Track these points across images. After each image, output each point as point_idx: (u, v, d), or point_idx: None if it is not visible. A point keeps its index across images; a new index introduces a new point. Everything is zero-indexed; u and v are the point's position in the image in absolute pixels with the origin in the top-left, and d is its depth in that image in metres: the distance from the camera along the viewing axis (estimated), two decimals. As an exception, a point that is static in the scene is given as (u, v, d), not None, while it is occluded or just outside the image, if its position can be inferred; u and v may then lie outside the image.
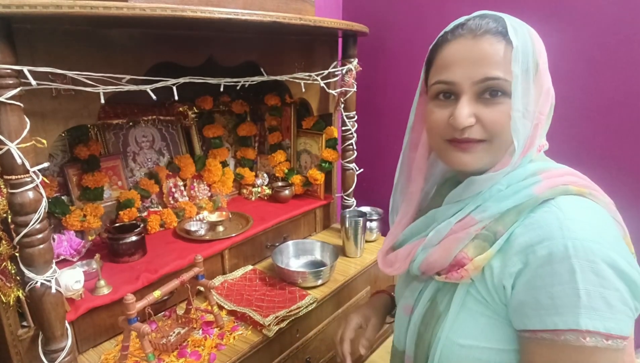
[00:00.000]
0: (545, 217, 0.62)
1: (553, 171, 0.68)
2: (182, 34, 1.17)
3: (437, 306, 0.72)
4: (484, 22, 0.69)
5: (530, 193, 0.65)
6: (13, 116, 0.78)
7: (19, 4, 0.74)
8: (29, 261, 0.83)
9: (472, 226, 0.67)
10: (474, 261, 0.66)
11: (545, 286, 0.59)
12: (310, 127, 1.82)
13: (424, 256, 0.72)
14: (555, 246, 0.59)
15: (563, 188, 0.64)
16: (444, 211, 0.73)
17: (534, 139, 0.69)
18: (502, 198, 0.66)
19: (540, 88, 0.69)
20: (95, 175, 1.37)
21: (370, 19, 1.89)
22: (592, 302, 0.56)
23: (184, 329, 1.12)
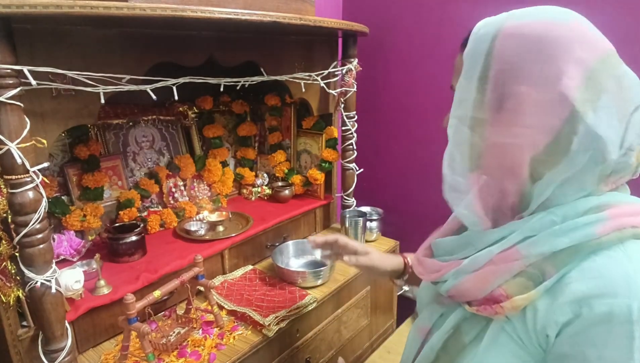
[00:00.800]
0: (609, 266, 0.54)
1: (624, 207, 0.58)
2: (182, 34, 1.17)
3: (461, 335, 0.66)
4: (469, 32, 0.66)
5: (592, 232, 0.55)
6: (13, 116, 0.78)
7: (19, 4, 0.74)
8: (29, 261, 0.83)
9: (516, 261, 0.58)
10: (513, 301, 0.58)
11: (597, 345, 0.52)
12: (310, 127, 1.82)
13: (454, 281, 0.65)
14: (617, 305, 0.51)
15: (633, 231, 0.55)
16: (482, 237, 0.65)
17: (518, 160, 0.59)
18: (555, 233, 0.57)
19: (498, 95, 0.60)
20: (95, 175, 1.37)
21: (370, 19, 1.89)
22: None
23: (184, 329, 1.12)
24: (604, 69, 0.57)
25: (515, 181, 0.60)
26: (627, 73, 0.59)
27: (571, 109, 0.55)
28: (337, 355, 1.49)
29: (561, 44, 0.56)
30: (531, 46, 0.57)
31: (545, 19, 0.59)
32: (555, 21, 0.58)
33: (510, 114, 0.58)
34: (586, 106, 0.55)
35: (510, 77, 0.58)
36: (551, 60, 0.56)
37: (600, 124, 0.55)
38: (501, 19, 0.61)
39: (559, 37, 0.57)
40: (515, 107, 0.58)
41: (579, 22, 0.60)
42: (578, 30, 0.58)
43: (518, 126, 0.58)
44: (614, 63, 0.58)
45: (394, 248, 1.72)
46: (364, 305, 1.60)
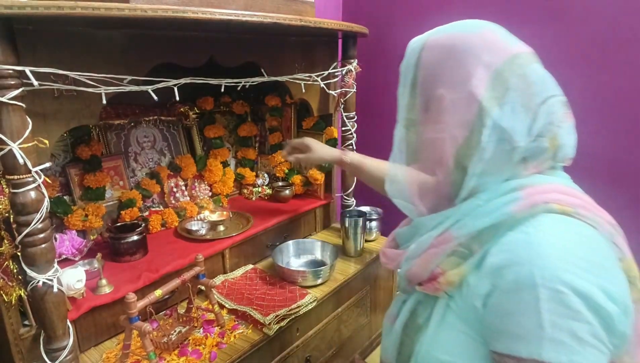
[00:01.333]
0: (517, 239, 0.60)
1: (537, 187, 0.65)
2: (183, 35, 1.18)
3: (417, 318, 0.73)
4: None
5: (508, 211, 0.62)
6: (15, 116, 0.78)
7: (21, 5, 0.74)
8: (31, 261, 0.84)
9: (449, 243, 0.66)
10: (446, 275, 0.66)
11: (511, 313, 0.58)
12: (310, 128, 1.82)
13: (407, 267, 0.73)
14: (522, 272, 0.57)
15: (544, 207, 0.61)
16: (426, 222, 0.73)
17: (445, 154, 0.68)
18: (479, 214, 0.65)
19: (424, 99, 0.71)
20: (96, 175, 1.38)
21: (370, 20, 1.90)
22: (557, 334, 0.54)
23: (185, 328, 1.13)
24: (510, 69, 0.65)
25: (444, 171, 0.69)
26: (535, 70, 0.67)
27: (479, 106, 0.64)
28: (337, 354, 1.49)
29: (470, 50, 0.66)
30: (446, 54, 0.68)
31: (459, 30, 0.70)
32: (467, 32, 0.69)
33: (434, 114, 0.69)
34: (492, 102, 0.64)
35: (431, 82, 0.70)
36: (461, 65, 0.66)
37: (504, 117, 0.64)
38: (428, 34, 0.73)
39: (469, 45, 0.67)
40: (437, 108, 0.68)
41: (489, 31, 0.69)
42: (486, 38, 0.68)
43: (440, 123, 0.68)
44: (520, 63, 0.66)
45: (394, 247, 1.73)
46: (364, 304, 1.61)
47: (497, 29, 0.71)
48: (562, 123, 0.67)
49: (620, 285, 0.59)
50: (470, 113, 0.65)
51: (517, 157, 0.65)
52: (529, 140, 0.65)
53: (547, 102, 0.66)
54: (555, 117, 0.67)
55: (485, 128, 0.64)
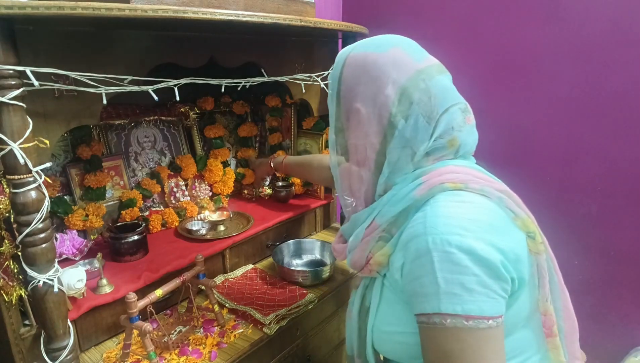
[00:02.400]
0: (417, 216, 0.71)
1: (434, 171, 0.75)
2: (183, 36, 1.18)
3: (365, 301, 0.84)
4: None
5: (413, 195, 0.73)
6: (16, 116, 0.78)
7: (22, 5, 0.74)
8: (32, 261, 0.84)
9: (376, 230, 0.77)
10: (375, 257, 0.77)
11: (417, 277, 0.68)
12: (310, 128, 1.83)
13: (350, 257, 0.84)
14: (419, 242, 0.67)
15: (440, 187, 0.72)
16: (359, 217, 0.83)
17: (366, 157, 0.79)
18: (394, 202, 0.75)
19: (346, 110, 0.81)
20: (97, 175, 1.38)
21: (370, 20, 1.90)
22: (450, 288, 0.64)
23: (185, 327, 1.13)
24: (415, 85, 0.75)
25: (367, 171, 0.80)
26: (437, 83, 0.76)
27: (388, 119, 0.76)
28: (337, 354, 1.49)
29: (380, 69, 0.76)
30: (361, 71, 0.79)
31: (374, 50, 0.79)
32: (379, 51, 0.78)
33: (353, 124, 0.80)
34: (398, 116, 0.75)
35: (350, 96, 0.80)
36: (374, 82, 0.77)
37: (407, 128, 0.75)
38: (351, 47, 0.83)
39: (380, 64, 0.77)
40: (355, 119, 0.80)
41: (398, 49, 0.78)
42: (395, 56, 0.77)
43: (360, 131, 0.79)
44: (423, 78, 0.76)
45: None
46: (364, 305, 1.60)
47: (408, 46, 0.80)
48: (462, 128, 0.77)
49: (508, 238, 0.69)
50: (381, 125, 0.76)
51: (418, 157, 0.76)
52: (431, 142, 0.75)
53: (448, 110, 0.76)
54: (456, 123, 0.76)
55: (392, 138, 0.75)
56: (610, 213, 1.50)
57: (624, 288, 1.50)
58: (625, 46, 1.40)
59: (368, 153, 0.79)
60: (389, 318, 0.78)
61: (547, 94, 1.56)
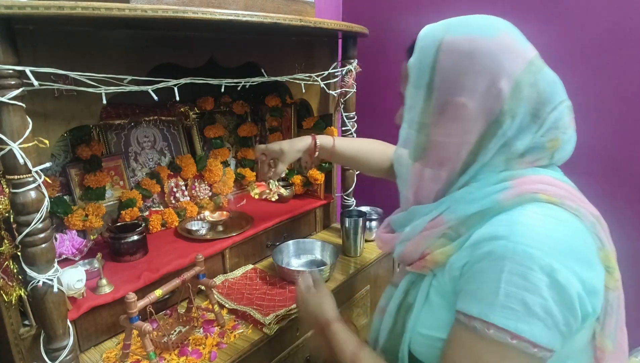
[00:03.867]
0: (500, 219, 0.64)
1: (527, 178, 0.68)
2: (183, 35, 1.18)
3: (408, 297, 0.78)
4: (414, 40, 0.76)
5: (496, 199, 0.66)
6: (15, 116, 0.78)
7: (21, 5, 0.74)
8: (31, 261, 0.84)
9: (440, 226, 0.71)
10: (433, 254, 0.70)
11: (477, 279, 0.63)
12: (310, 128, 1.82)
13: (401, 248, 0.78)
14: (497, 246, 0.61)
15: (531, 196, 0.64)
16: (422, 209, 0.77)
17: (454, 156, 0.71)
18: (470, 201, 0.68)
19: (438, 102, 0.70)
20: (97, 175, 1.38)
21: (370, 20, 1.90)
22: (509, 302, 0.58)
23: (185, 328, 1.13)
24: (526, 79, 0.66)
25: (449, 171, 0.73)
26: (545, 77, 0.68)
27: (497, 117, 0.67)
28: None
29: (492, 59, 0.66)
30: (467, 61, 0.67)
31: (479, 34, 0.68)
32: (487, 36, 0.68)
33: (450, 120, 0.69)
34: (507, 115, 0.66)
35: (451, 88, 0.68)
36: (484, 75, 0.66)
37: (513, 127, 0.67)
38: (441, 31, 0.71)
39: (491, 53, 0.66)
40: (455, 114, 0.69)
41: (507, 35, 0.69)
42: (506, 43, 0.67)
43: (456, 129, 0.69)
44: (534, 71, 0.67)
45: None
46: (364, 304, 1.61)
47: (513, 30, 0.71)
48: (566, 129, 0.70)
49: (592, 269, 0.62)
50: (486, 122, 0.67)
51: (512, 157, 0.69)
52: (528, 144, 0.68)
53: (557, 108, 0.68)
54: (562, 123, 0.69)
55: (494, 137, 0.68)
56: (611, 214, 1.50)
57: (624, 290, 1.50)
58: (625, 46, 1.40)
59: (460, 152, 0.70)
60: (431, 322, 0.72)
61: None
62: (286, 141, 1.30)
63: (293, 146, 1.28)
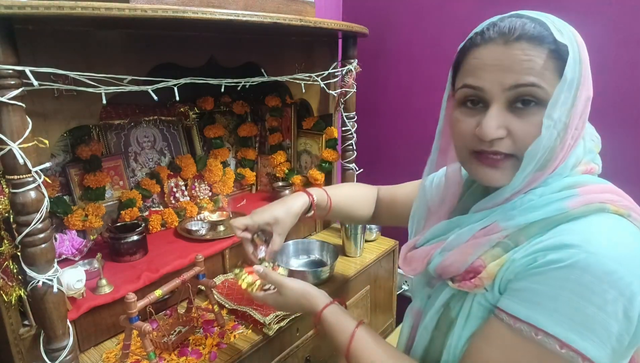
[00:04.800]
0: (572, 228, 0.59)
1: (593, 186, 0.63)
2: (183, 35, 1.18)
3: (450, 312, 0.70)
4: (519, 24, 0.63)
5: (563, 206, 0.60)
6: (15, 116, 0.78)
7: (21, 5, 0.74)
8: (31, 261, 0.84)
9: (495, 234, 0.64)
10: (488, 269, 0.62)
11: (533, 282, 0.58)
12: (310, 128, 1.82)
13: (440, 258, 0.69)
14: (569, 254, 0.55)
15: (599, 206, 0.60)
16: (469, 219, 0.70)
17: (566, 154, 0.65)
18: (531, 208, 0.62)
19: (580, 100, 0.63)
20: (97, 175, 1.38)
21: (370, 20, 1.90)
22: (568, 312, 0.55)
23: (185, 328, 1.13)
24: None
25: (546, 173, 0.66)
26: None
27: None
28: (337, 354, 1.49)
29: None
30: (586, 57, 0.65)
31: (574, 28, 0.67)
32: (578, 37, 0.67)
33: (582, 117, 0.65)
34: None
35: (587, 83, 0.65)
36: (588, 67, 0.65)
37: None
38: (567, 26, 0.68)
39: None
40: (577, 111, 0.63)
41: None
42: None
43: (576, 127, 0.65)
44: None
45: (394, 247, 1.73)
46: (364, 304, 1.60)
47: None
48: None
49: None
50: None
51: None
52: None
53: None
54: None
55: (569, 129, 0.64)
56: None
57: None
58: (625, 46, 1.40)
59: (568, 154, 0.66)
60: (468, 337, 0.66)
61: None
62: (279, 206, 1.00)
63: (290, 211, 0.99)
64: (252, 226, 0.99)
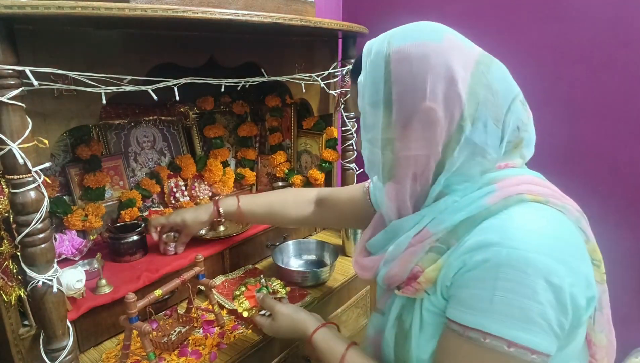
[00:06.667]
0: (490, 224, 0.62)
1: (510, 179, 0.67)
2: (183, 35, 1.18)
3: (404, 324, 0.73)
4: (355, 60, 0.77)
5: (483, 203, 0.64)
6: (15, 116, 0.78)
7: (21, 5, 0.74)
8: (31, 261, 0.84)
9: (427, 239, 0.67)
10: (426, 273, 0.66)
11: (470, 287, 0.61)
12: (310, 128, 1.82)
13: (385, 270, 0.73)
14: (491, 252, 0.59)
15: (517, 197, 0.64)
16: (403, 224, 0.73)
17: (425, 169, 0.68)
18: (456, 209, 0.66)
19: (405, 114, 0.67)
20: (96, 175, 1.38)
21: (370, 20, 1.90)
22: (505, 310, 0.57)
23: (185, 328, 1.13)
24: (478, 80, 0.65)
25: (424, 184, 0.70)
26: (495, 75, 0.67)
27: (458, 122, 0.65)
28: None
29: (444, 61, 0.64)
30: (422, 65, 0.65)
31: (425, 38, 0.67)
32: (433, 40, 0.67)
33: (418, 129, 0.66)
34: (467, 119, 0.65)
35: (413, 96, 0.66)
36: (441, 78, 0.64)
37: (476, 133, 0.65)
38: (385, 43, 0.69)
39: (440, 55, 0.65)
40: (424, 121, 0.66)
41: (449, 35, 0.68)
42: (451, 44, 0.66)
43: (426, 139, 0.66)
44: (483, 71, 0.66)
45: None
46: (364, 305, 1.60)
47: (453, 32, 0.71)
48: (526, 126, 0.70)
49: (583, 262, 0.62)
50: (449, 130, 0.66)
51: (488, 164, 0.68)
52: (501, 147, 0.68)
53: (511, 108, 0.67)
54: (521, 122, 0.69)
55: (458, 144, 0.66)
56: (611, 214, 1.50)
57: (624, 289, 1.50)
58: (625, 46, 1.40)
59: (430, 164, 0.68)
60: (431, 345, 0.68)
61: (546, 94, 1.56)
62: (190, 211, 1.29)
63: (197, 218, 1.27)
64: (166, 225, 1.28)
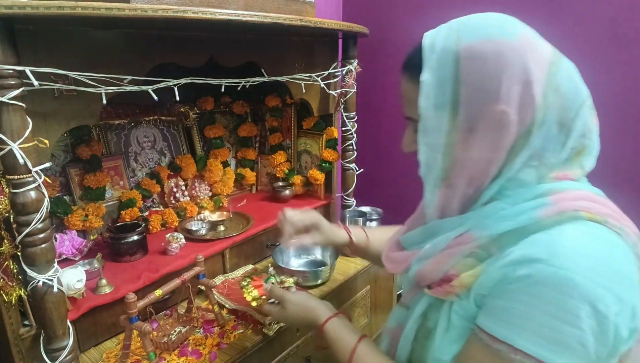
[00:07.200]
0: (538, 238, 0.58)
1: (567, 193, 0.62)
2: (183, 35, 1.18)
3: (427, 322, 0.71)
4: (409, 54, 0.71)
5: (534, 216, 0.60)
6: (15, 116, 0.78)
7: (21, 5, 0.74)
8: (31, 261, 0.84)
9: (468, 244, 0.64)
10: (460, 278, 0.63)
11: (508, 299, 0.58)
12: (310, 128, 1.82)
13: (418, 267, 0.70)
14: (536, 269, 0.55)
15: (573, 214, 0.59)
16: (444, 224, 0.69)
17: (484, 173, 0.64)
18: (503, 217, 0.62)
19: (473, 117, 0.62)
20: (97, 175, 1.38)
21: (371, 20, 1.90)
22: (542, 331, 0.55)
23: (185, 328, 1.13)
24: (549, 82, 0.61)
25: (478, 188, 0.65)
26: (565, 77, 0.62)
27: (527, 127, 0.61)
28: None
29: (520, 60, 0.59)
30: (496, 65, 0.59)
31: (500, 35, 0.61)
32: (509, 37, 0.61)
33: (482, 133, 0.61)
34: (536, 125, 0.61)
35: (485, 98, 0.60)
36: (517, 78, 0.59)
37: (539, 137, 0.61)
38: (453, 37, 0.63)
39: (517, 53, 0.60)
40: (494, 126, 0.61)
41: (525, 33, 0.63)
42: (527, 43, 0.61)
43: (488, 143, 0.62)
44: (554, 72, 0.62)
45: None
46: (364, 304, 1.60)
47: (527, 27, 0.65)
48: (592, 133, 0.65)
49: (633, 291, 0.57)
50: (518, 133, 0.61)
51: (544, 172, 0.64)
52: (563, 154, 0.63)
53: (579, 114, 0.63)
54: (587, 128, 0.64)
55: (522, 149, 0.62)
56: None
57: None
58: (625, 46, 1.40)
59: (489, 168, 0.63)
60: (453, 349, 0.66)
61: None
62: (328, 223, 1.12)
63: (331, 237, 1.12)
64: (299, 221, 1.09)
